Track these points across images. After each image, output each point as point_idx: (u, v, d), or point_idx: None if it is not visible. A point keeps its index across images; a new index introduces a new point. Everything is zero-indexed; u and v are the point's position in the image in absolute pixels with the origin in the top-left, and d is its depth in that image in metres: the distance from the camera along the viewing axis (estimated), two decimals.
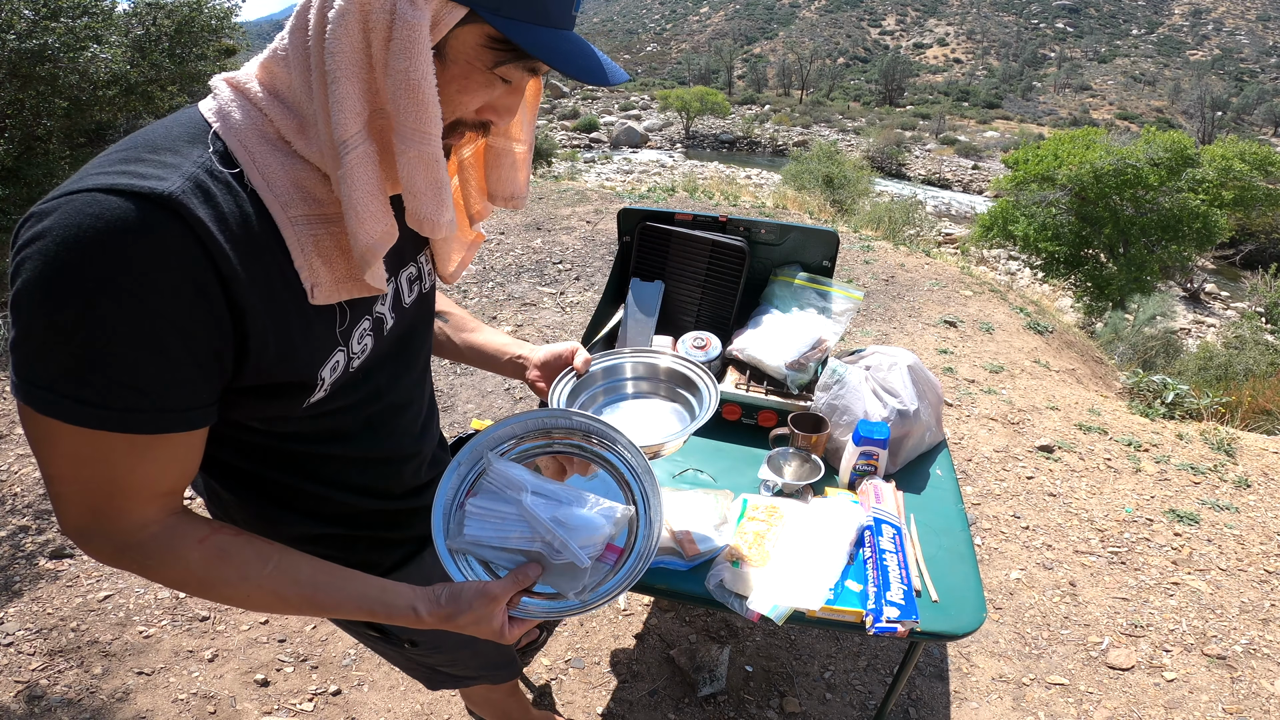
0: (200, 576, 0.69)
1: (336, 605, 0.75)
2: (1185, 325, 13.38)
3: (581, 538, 0.81)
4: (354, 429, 0.83)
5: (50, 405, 0.57)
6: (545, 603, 0.82)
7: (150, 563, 0.67)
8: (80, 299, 0.54)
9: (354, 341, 0.75)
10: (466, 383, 3.46)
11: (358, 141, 0.60)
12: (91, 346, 0.55)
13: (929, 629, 1.18)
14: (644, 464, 0.88)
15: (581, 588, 0.82)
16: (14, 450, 2.83)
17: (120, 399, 0.57)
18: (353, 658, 1.97)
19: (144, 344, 0.56)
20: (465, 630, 0.78)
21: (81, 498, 0.63)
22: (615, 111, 51.25)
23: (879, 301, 4.72)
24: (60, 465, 0.61)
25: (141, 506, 0.65)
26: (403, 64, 0.57)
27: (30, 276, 0.54)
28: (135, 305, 0.55)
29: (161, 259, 0.55)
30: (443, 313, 1.12)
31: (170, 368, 0.59)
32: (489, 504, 0.83)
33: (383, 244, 0.65)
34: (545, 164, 18.46)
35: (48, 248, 0.53)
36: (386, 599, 0.76)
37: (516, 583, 0.79)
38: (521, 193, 0.87)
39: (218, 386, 0.64)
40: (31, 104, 5.37)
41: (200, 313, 0.58)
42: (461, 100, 0.66)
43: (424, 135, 0.60)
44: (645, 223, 1.90)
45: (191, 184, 0.57)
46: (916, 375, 1.65)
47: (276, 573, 0.72)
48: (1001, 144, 42.63)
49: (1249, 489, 2.86)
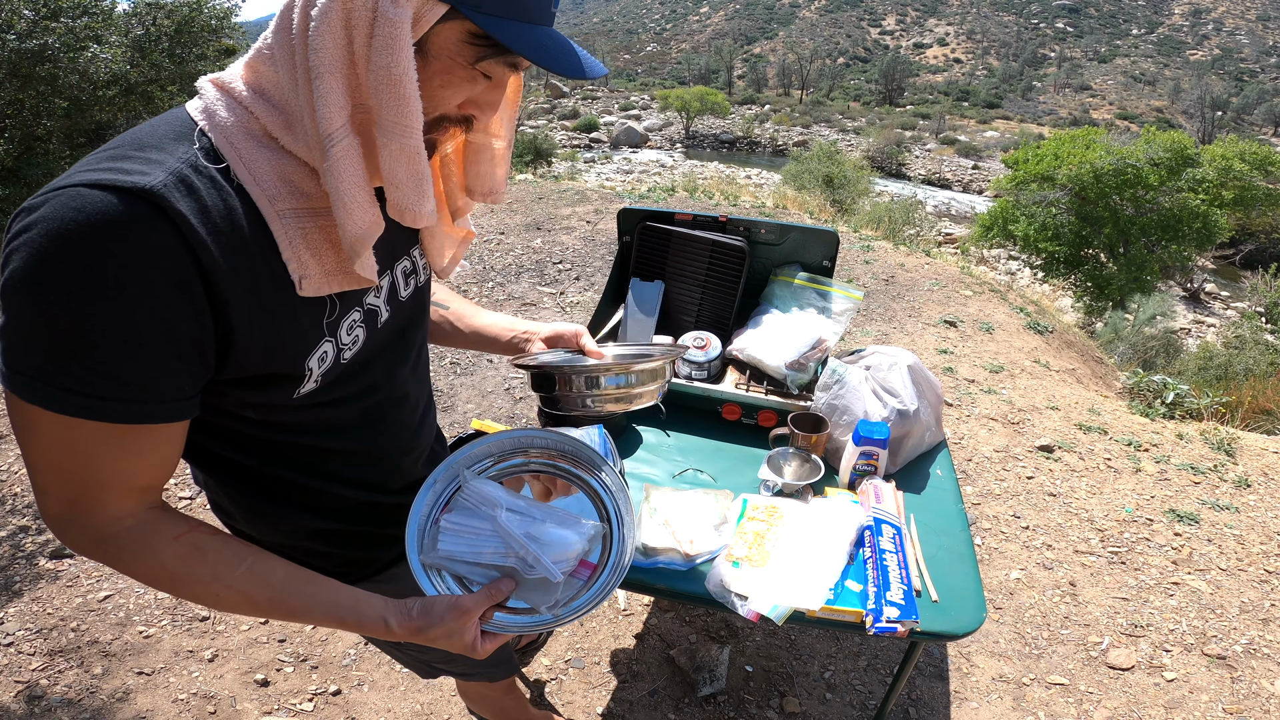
0: (172, 573, 0.70)
1: (306, 611, 0.75)
2: (1185, 325, 13.38)
3: (554, 553, 0.82)
4: (351, 422, 0.84)
5: (32, 392, 0.58)
6: (518, 618, 0.82)
7: (124, 556, 0.68)
8: (62, 290, 0.55)
9: (343, 333, 0.76)
10: (466, 383, 3.46)
11: (342, 135, 0.62)
12: (72, 336, 0.56)
13: (929, 629, 1.18)
14: (619, 483, 0.90)
15: (554, 602, 0.82)
16: (14, 450, 2.83)
17: (100, 388, 0.59)
18: (353, 658, 1.97)
19: (124, 335, 0.58)
20: (437, 644, 0.78)
21: (60, 487, 0.64)
22: (615, 111, 51.26)
23: (879, 301, 4.72)
24: (40, 453, 0.62)
25: (118, 499, 0.66)
26: (385, 60, 0.59)
27: (17, 267, 0.56)
28: (116, 297, 0.56)
29: (142, 252, 0.57)
30: (442, 302, 1.14)
31: (150, 359, 0.60)
32: (463, 520, 0.84)
33: (370, 234, 0.67)
34: (545, 164, 18.47)
35: (33, 239, 0.55)
36: (358, 609, 0.77)
37: (490, 597, 0.80)
38: (499, 188, 0.88)
39: (200, 379, 0.65)
40: (31, 104, 5.37)
41: (181, 305, 0.59)
42: (444, 95, 0.67)
43: (405, 129, 0.62)
44: (645, 223, 1.90)
45: (175, 178, 0.59)
46: (916, 375, 1.65)
47: (249, 575, 0.72)
48: (1001, 144, 42.64)
49: (1249, 489, 2.86)
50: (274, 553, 0.77)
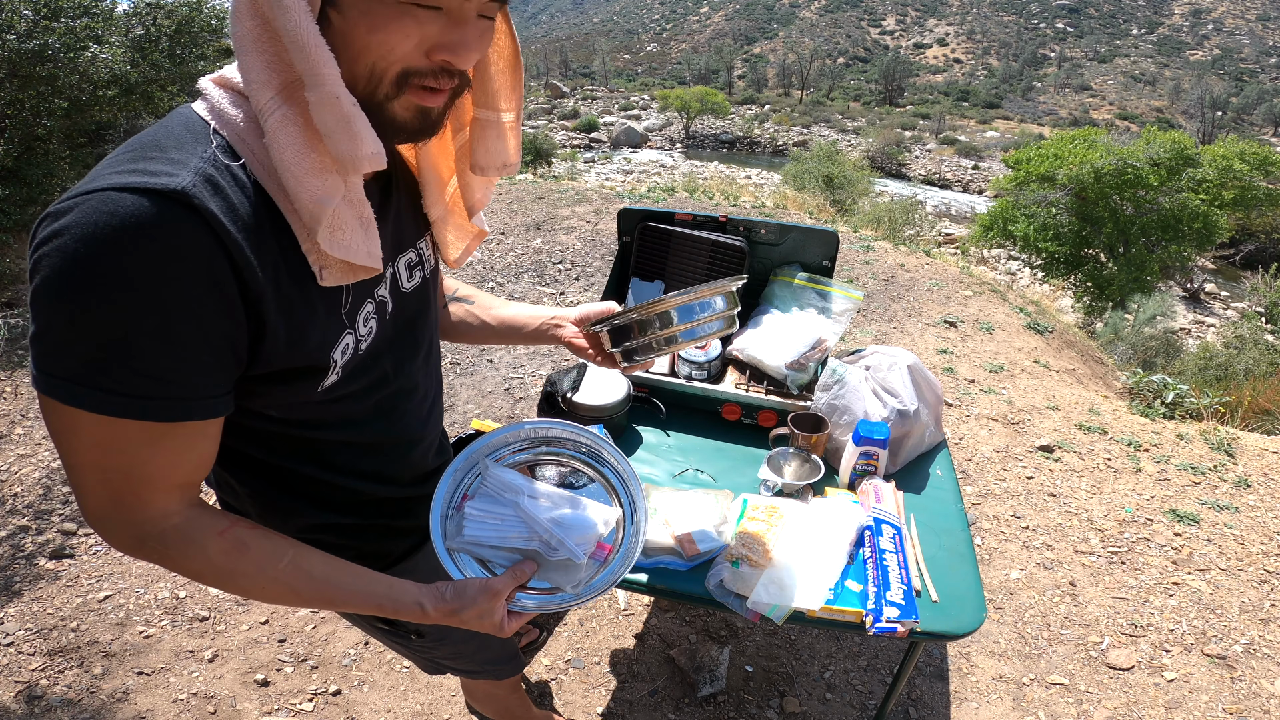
0: (219, 568, 0.71)
1: (346, 600, 0.78)
2: (1185, 325, 13.38)
3: (577, 535, 0.87)
4: (364, 415, 0.85)
5: (72, 395, 0.59)
6: (540, 597, 0.87)
7: (170, 553, 0.69)
8: (99, 293, 0.56)
9: (360, 323, 0.77)
10: (467, 383, 3.46)
11: (273, 107, 0.62)
12: (110, 338, 0.57)
13: (929, 629, 1.18)
14: (630, 470, 0.95)
15: (576, 582, 0.87)
16: (14, 450, 2.83)
17: (139, 388, 0.60)
18: (353, 658, 1.97)
19: (161, 335, 0.59)
20: (468, 625, 0.81)
21: (102, 486, 0.65)
22: (615, 111, 51.26)
23: (879, 301, 4.72)
24: (82, 454, 0.63)
25: (162, 496, 0.67)
26: (283, 22, 0.59)
27: (49, 273, 0.56)
28: (152, 298, 0.57)
29: (176, 253, 0.57)
30: (465, 297, 1.14)
31: (187, 357, 0.61)
32: (487, 506, 0.88)
33: (327, 198, 0.65)
34: (545, 164, 18.48)
35: (66, 245, 0.55)
36: (394, 594, 0.79)
37: (515, 578, 0.84)
38: (513, 160, 0.87)
39: (234, 374, 0.66)
40: (31, 104, 5.37)
41: (215, 303, 0.60)
42: (381, 41, 0.63)
43: (319, 77, 0.61)
44: (645, 223, 1.90)
45: (201, 178, 0.60)
46: (916, 375, 1.65)
47: (291, 567, 0.74)
48: (1001, 144, 42.63)
49: (1249, 489, 2.86)
50: None
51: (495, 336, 1.16)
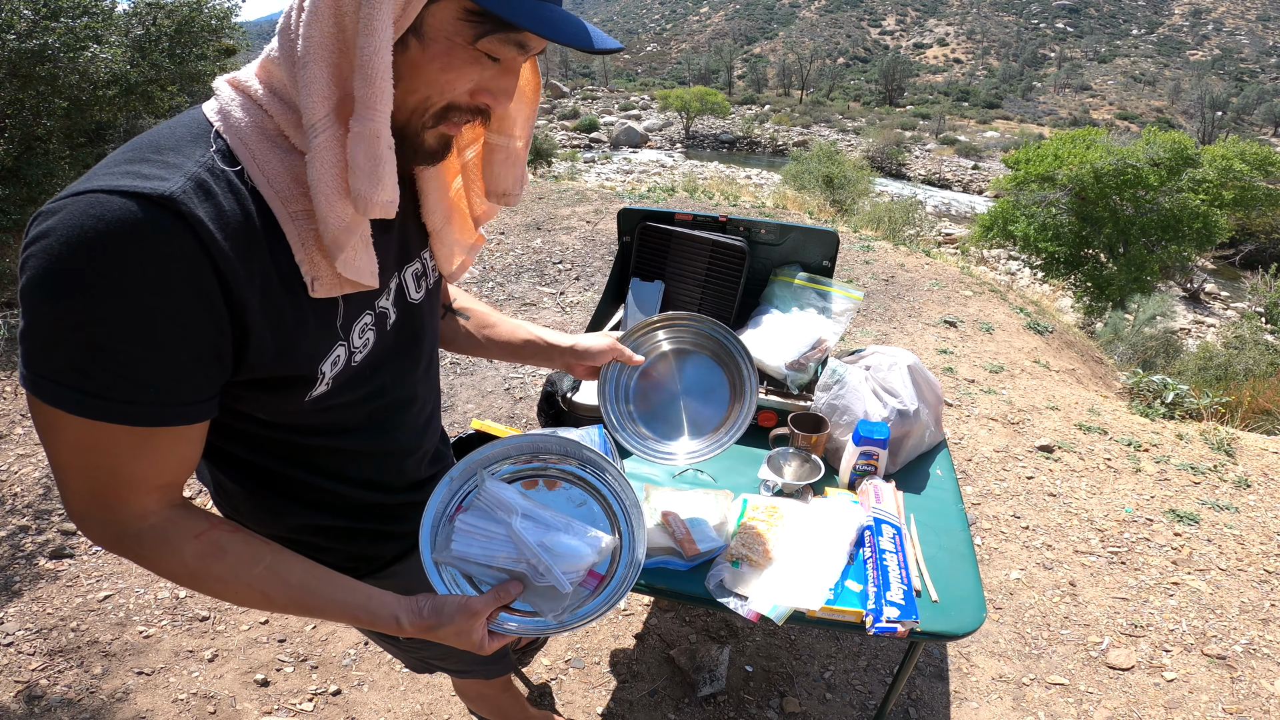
0: (192, 570, 0.71)
1: (322, 609, 0.77)
2: (1185, 325, 13.38)
3: (565, 564, 0.84)
4: (358, 423, 0.84)
5: (54, 395, 0.59)
6: (524, 620, 0.85)
7: (145, 552, 0.69)
8: (82, 296, 0.56)
9: (355, 336, 0.76)
10: (466, 383, 3.46)
11: (325, 125, 0.62)
12: (93, 341, 0.57)
13: (929, 629, 1.18)
14: (632, 496, 0.91)
15: (561, 609, 0.85)
16: (14, 450, 2.83)
17: (120, 392, 0.59)
18: (353, 658, 1.97)
19: (144, 340, 0.58)
20: (446, 641, 0.80)
21: (83, 485, 0.65)
22: (615, 111, 51.25)
23: (879, 301, 4.72)
24: (64, 453, 0.64)
25: (141, 496, 0.67)
26: (363, 41, 0.59)
27: (35, 273, 0.56)
28: (135, 303, 0.57)
29: (161, 258, 0.57)
30: (464, 310, 1.13)
31: (169, 363, 0.60)
32: (478, 522, 0.86)
33: (353, 227, 0.66)
34: (545, 164, 18.47)
35: (52, 246, 0.55)
36: (371, 606, 0.78)
37: (498, 599, 0.82)
38: (513, 190, 0.88)
39: (217, 381, 0.66)
40: (31, 104, 5.37)
41: (199, 310, 0.60)
42: (446, 80, 0.66)
43: (371, 111, 0.61)
44: (645, 223, 1.90)
45: (193, 183, 0.59)
46: (916, 375, 1.65)
47: (267, 573, 0.74)
48: (1001, 144, 42.62)
49: (1249, 489, 2.86)
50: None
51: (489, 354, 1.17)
